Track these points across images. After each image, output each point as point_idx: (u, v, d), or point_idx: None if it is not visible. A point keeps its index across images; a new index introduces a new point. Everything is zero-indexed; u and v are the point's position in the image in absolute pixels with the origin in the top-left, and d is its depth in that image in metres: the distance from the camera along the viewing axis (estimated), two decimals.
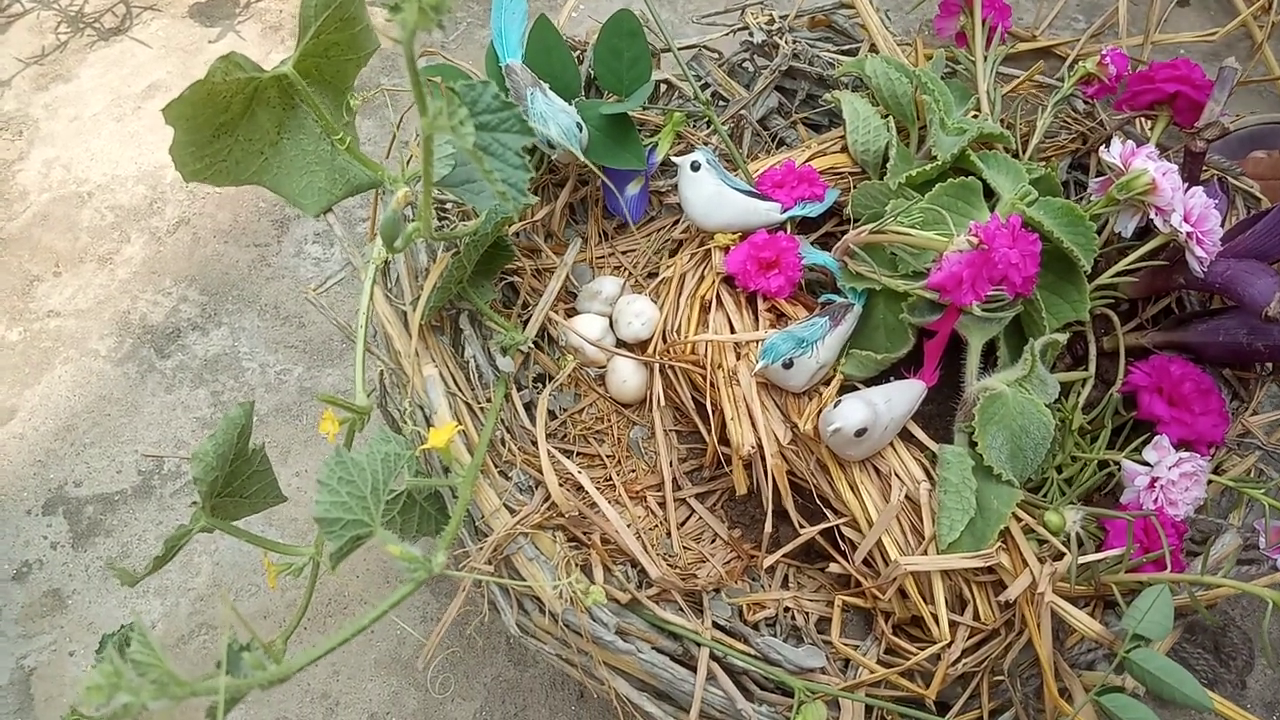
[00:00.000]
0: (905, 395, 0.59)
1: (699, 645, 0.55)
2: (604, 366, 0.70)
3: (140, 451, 0.90)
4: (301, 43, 0.51)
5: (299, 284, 1.00)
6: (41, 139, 1.10)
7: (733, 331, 0.64)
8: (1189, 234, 0.58)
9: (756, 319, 0.65)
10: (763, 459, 0.60)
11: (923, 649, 0.56)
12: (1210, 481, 0.59)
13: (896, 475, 0.58)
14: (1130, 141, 0.61)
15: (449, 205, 0.67)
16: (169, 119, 0.47)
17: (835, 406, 0.57)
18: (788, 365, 0.59)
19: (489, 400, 0.59)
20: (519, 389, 0.63)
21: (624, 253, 0.75)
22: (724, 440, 0.62)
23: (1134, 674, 0.49)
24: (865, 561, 0.59)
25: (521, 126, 0.38)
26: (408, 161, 0.63)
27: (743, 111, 0.76)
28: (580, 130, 0.65)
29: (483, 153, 0.39)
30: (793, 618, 0.62)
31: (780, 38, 0.77)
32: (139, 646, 0.36)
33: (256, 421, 0.53)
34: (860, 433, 0.55)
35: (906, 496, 0.58)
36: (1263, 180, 0.73)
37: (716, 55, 0.80)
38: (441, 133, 0.36)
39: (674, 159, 0.69)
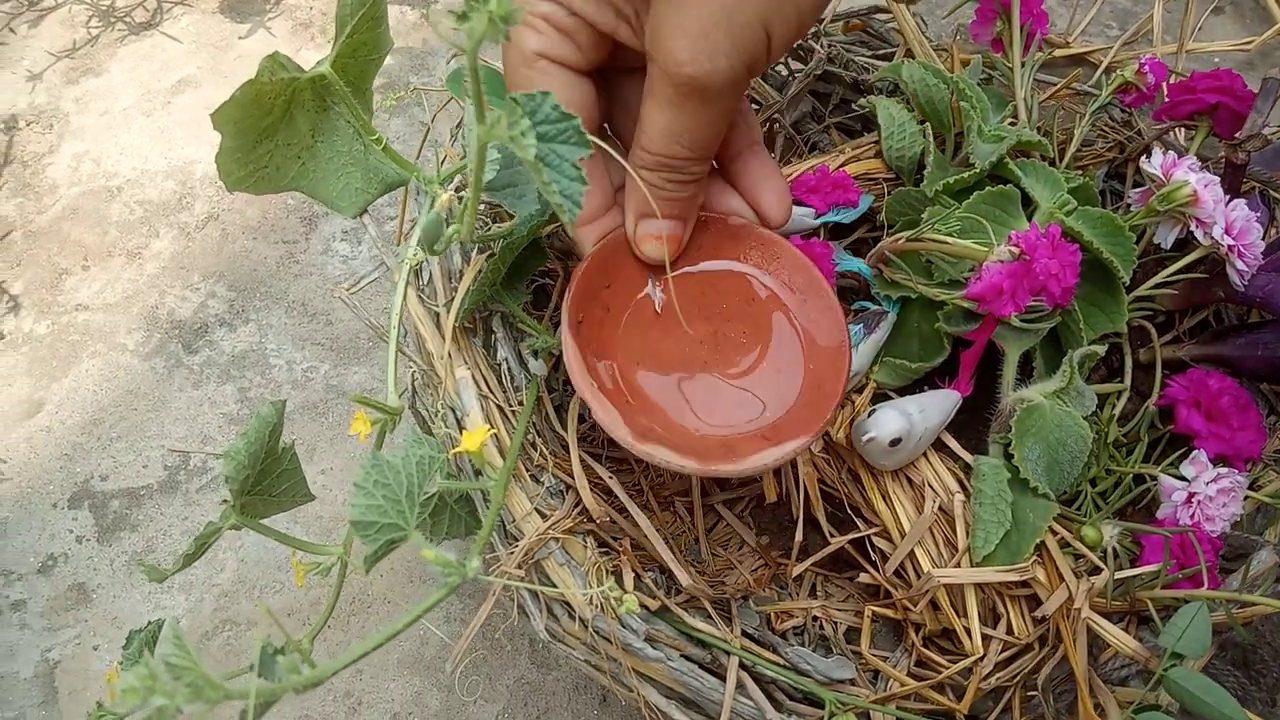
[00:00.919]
0: (940, 405, 0.58)
1: (728, 654, 0.55)
2: None
3: (167, 447, 0.90)
4: (338, 42, 0.51)
5: (326, 281, 1.00)
6: (71, 133, 1.11)
7: None
8: (1230, 247, 0.57)
9: None
10: (794, 467, 0.60)
11: (954, 662, 0.55)
12: (1246, 498, 0.59)
13: (930, 486, 0.58)
14: (1172, 152, 0.60)
15: (482, 207, 0.67)
16: (218, 124, 0.47)
17: (870, 415, 0.56)
18: None
19: (520, 403, 0.58)
20: (549, 392, 0.62)
21: None
22: None
23: (1172, 692, 0.49)
24: (896, 572, 0.58)
25: (579, 138, 0.38)
26: (442, 162, 0.63)
27: (776, 116, 0.76)
28: None
29: (540, 164, 0.38)
30: (820, 627, 0.62)
31: (815, 41, 0.77)
32: (173, 648, 0.36)
33: (284, 419, 0.53)
34: (895, 442, 0.55)
35: (940, 508, 0.57)
36: None
37: None
38: (498, 142, 0.36)
39: None
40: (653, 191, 0.49)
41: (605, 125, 0.55)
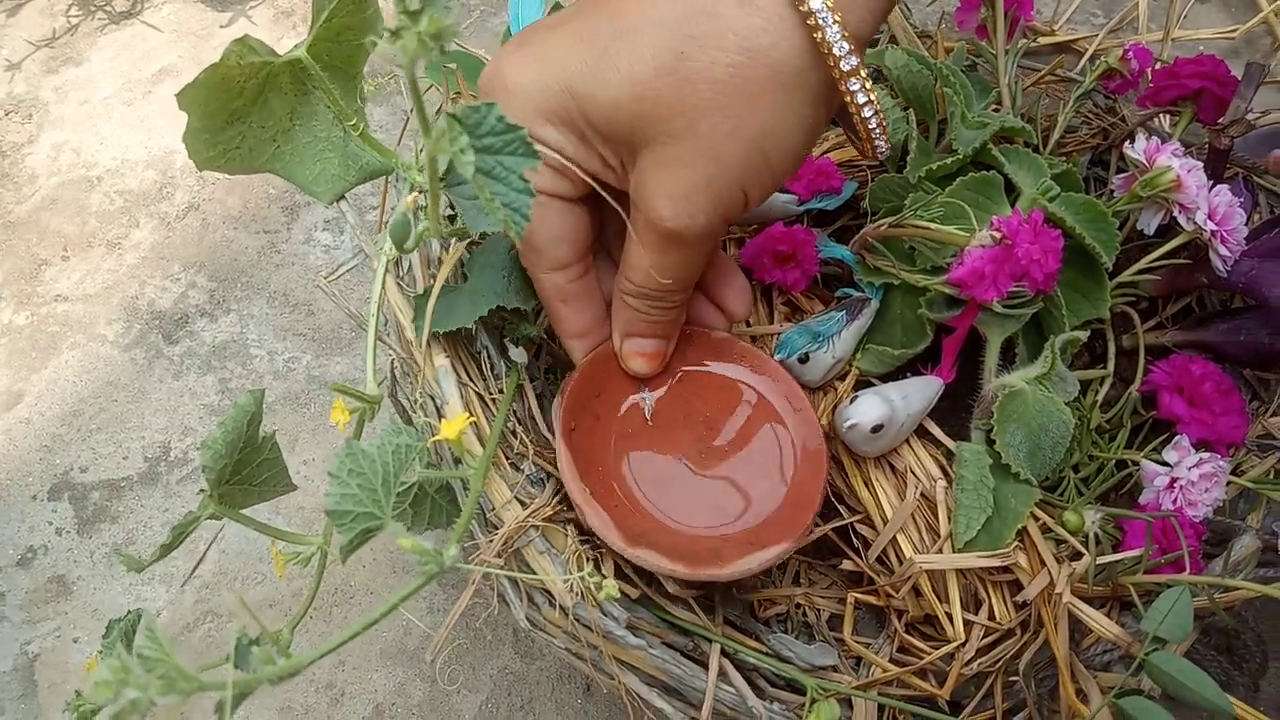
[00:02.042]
0: (922, 392, 0.58)
1: (710, 641, 0.54)
2: None
3: (146, 438, 0.90)
4: (315, 26, 0.50)
5: (308, 271, 0.99)
6: (51, 122, 1.10)
7: (747, 325, 0.63)
8: (1213, 232, 0.57)
9: (772, 312, 0.64)
10: None
11: (936, 648, 0.55)
12: (1229, 483, 0.58)
13: (912, 472, 0.58)
14: (1155, 138, 0.60)
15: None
16: (183, 105, 0.46)
17: (851, 402, 0.56)
18: (803, 360, 0.59)
19: (501, 391, 0.58)
20: (530, 380, 0.62)
21: None
22: None
23: (1153, 676, 0.49)
24: (879, 559, 0.58)
25: (526, 149, 0.38)
26: (421, 150, 0.62)
27: None
28: None
29: (485, 176, 0.38)
30: (804, 614, 0.61)
31: None
32: (146, 640, 0.36)
33: (264, 409, 0.52)
34: (876, 429, 0.55)
35: (922, 494, 0.57)
36: None
37: None
38: (443, 155, 0.36)
39: None
40: (636, 315, 0.53)
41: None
